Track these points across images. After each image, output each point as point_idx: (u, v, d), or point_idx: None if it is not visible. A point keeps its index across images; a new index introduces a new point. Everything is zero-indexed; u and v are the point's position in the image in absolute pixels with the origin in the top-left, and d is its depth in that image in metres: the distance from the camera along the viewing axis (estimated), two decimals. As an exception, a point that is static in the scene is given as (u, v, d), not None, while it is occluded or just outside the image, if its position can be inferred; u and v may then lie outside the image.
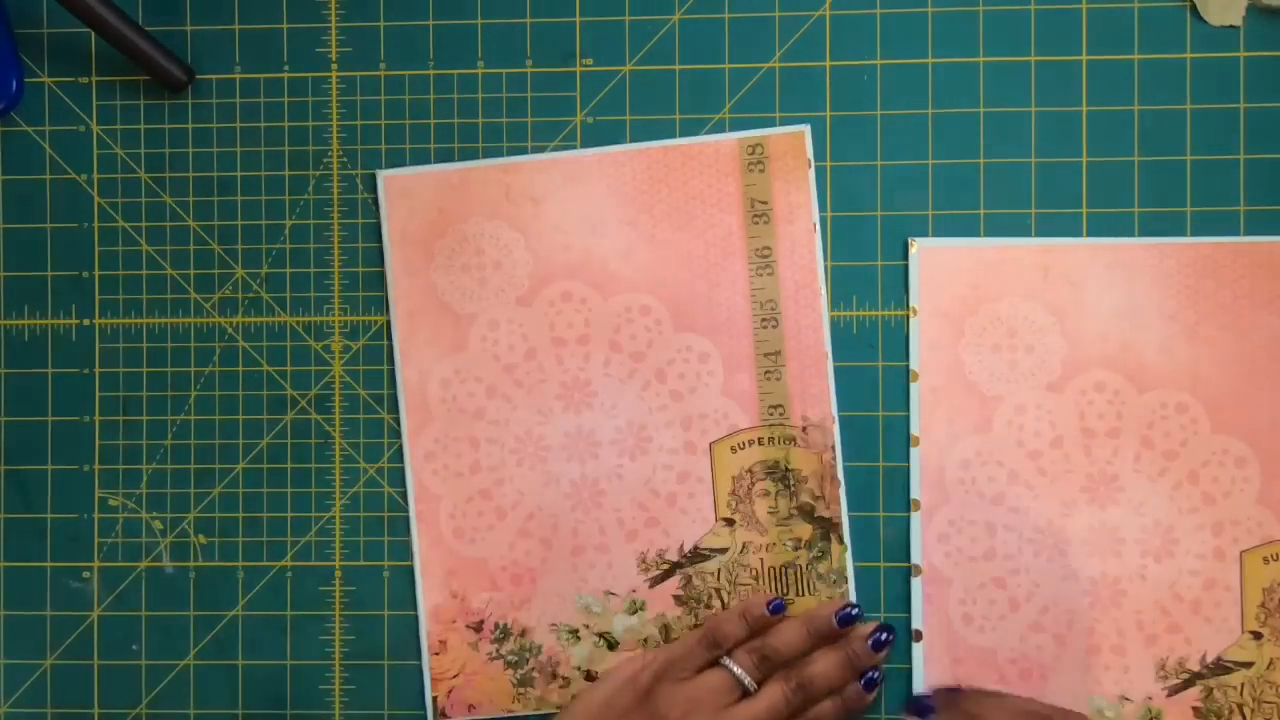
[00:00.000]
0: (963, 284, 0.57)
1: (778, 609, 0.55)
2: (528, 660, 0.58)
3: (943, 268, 0.57)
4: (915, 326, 0.57)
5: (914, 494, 0.57)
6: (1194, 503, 0.55)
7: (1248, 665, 0.55)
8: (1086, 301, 0.56)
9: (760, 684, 0.54)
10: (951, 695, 0.55)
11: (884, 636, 0.55)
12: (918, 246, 0.57)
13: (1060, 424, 0.56)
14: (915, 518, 0.57)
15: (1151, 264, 0.56)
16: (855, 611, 0.55)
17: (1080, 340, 0.56)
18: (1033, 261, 0.56)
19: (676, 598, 0.57)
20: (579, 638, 0.58)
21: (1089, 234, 0.57)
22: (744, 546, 0.57)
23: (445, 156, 0.58)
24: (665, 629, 0.57)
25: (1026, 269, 0.56)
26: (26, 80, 0.60)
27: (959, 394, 0.57)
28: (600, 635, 0.58)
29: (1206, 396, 0.56)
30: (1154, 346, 0.56)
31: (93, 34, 0.58)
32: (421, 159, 0.58)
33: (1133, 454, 0.56)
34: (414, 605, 0.58)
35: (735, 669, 0.54)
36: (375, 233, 0.59)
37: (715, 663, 0.55)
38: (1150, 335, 0.56)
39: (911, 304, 0.57)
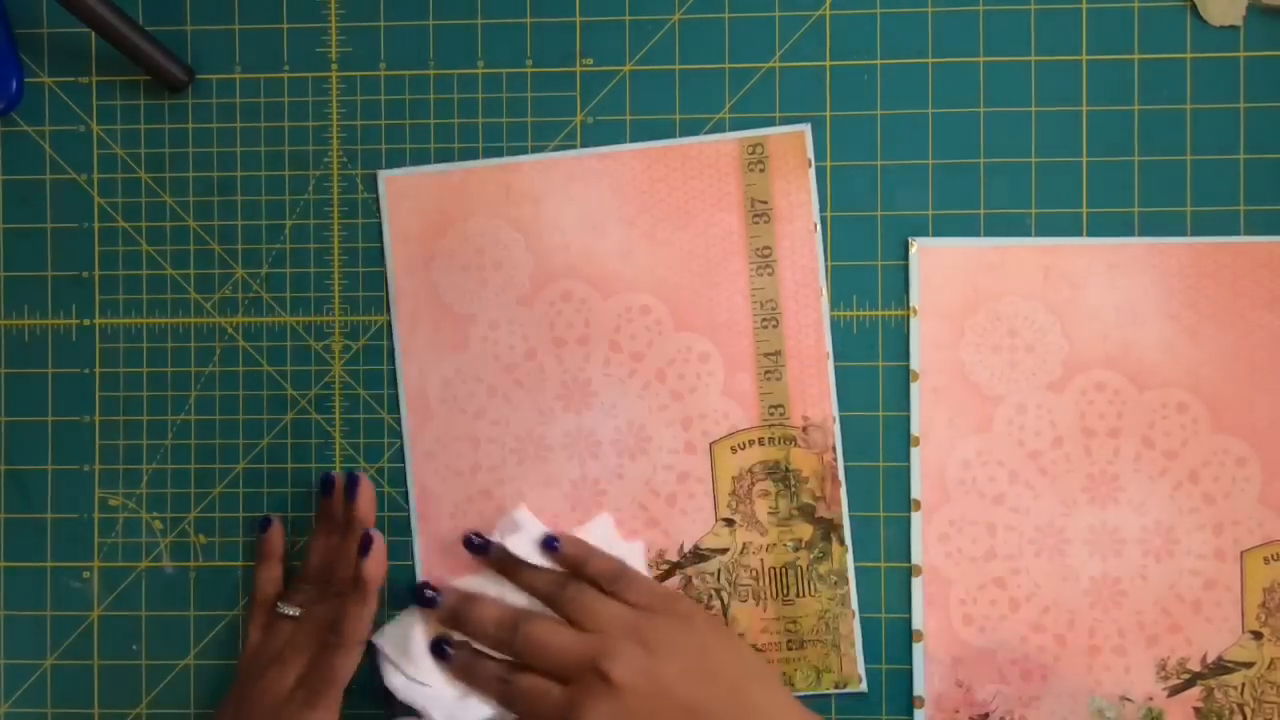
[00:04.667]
0: (963, 284, 0.57)
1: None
2: (528, 660, 0.58)
3: (943, 268, 0.57)
4: (915, 326, 0.57)
5: (914, 494, 0.57)
6: (1194, 502, 0.55)
7: (1248, 665, 0.55)
8: (1087, 301, 0.56)
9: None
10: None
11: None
12: (917, 246, 0.57)
13: (1061, 424, 0.56)
14: (916, 518, 0.57)
15: (1152, 264, 0.56)
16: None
17: (1081, 340, 0.56)
18: (1033, 261, 0.56)
19: (677, 598, 0.57)
20: (579, 638, 0.58)
21: (1089, 234, 0.57)
22: (744, 547, 0.57)
23: (445, 156, 0.58)
24: (665, 629, 0.57)
25: (1027, 269, 0.56)
26: (26, 80, 0.60)
27: (959, 394, 0.57)
28: (600, 635, 0.57)
29: (1207, 396, 0.56)
30: (1155, 346, 0.56)
31: (93, 34, 0.58)
32: (421, 159, 0.58)
33: (1133, 454, 0.56)
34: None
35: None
36: (375, 233, 0.59)
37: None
38: (1151, 335, 0.56)
39: (911, 304, 0.57)
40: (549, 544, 0.55)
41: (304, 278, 0.59)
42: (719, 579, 0.57)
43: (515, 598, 0.55)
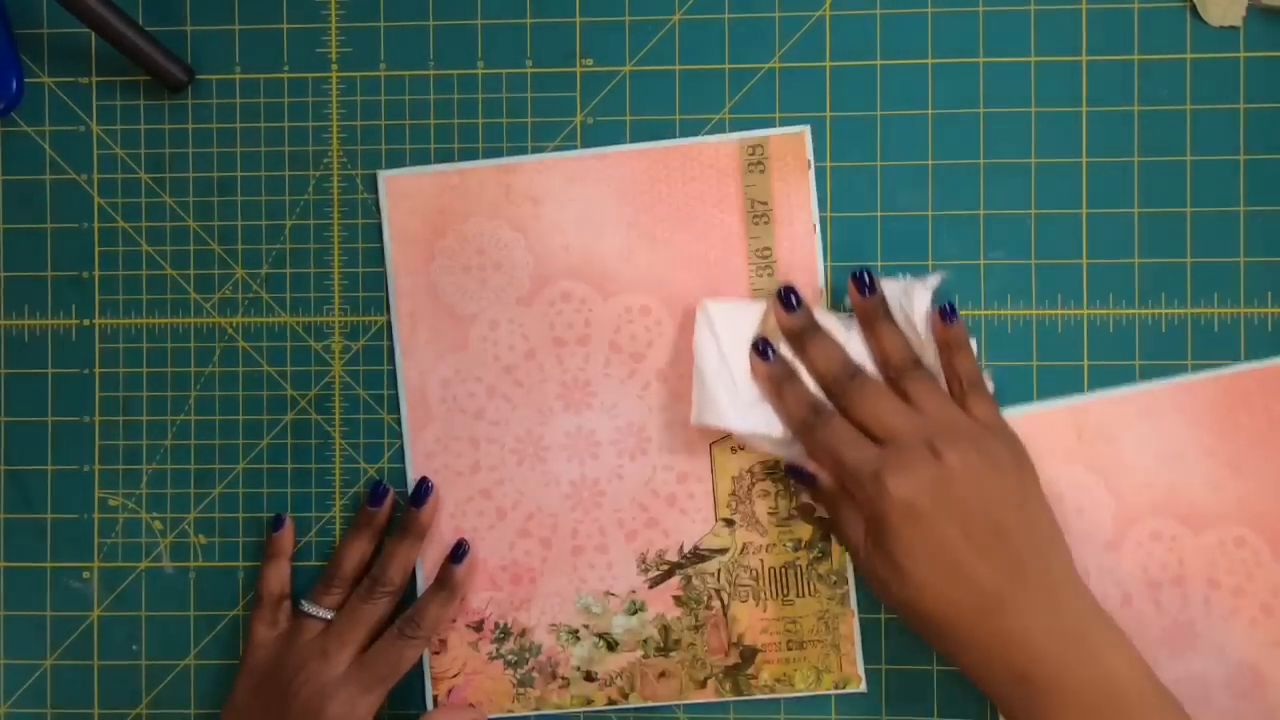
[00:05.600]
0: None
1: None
2: (527, 660, 0.58)
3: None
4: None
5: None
6: (1274, 635, 0.54)
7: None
8: (1126, 455, 0.55)
9: None
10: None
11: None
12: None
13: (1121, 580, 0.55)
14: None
15: (1182, 404, 0.55)
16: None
17: (1127, 492, 0.55)
18: (1071, 420, 0.56)
19: (676, 598, 0.57)
20: (579, 638, 0.58)
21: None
22: (744, 547, 0.57)
23: (445, 156, 0.58)
24: (665, 630, 0.57)
25: (1063, 430, 0.56)
26: (26, 80, 0.60)
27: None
28: (600, 636, 0.58)
29: (1263, 527, 0.55)
30: (1201, 485, 0.55)
31: (93, 34, 0.58)
32: (421, 159, 0.58)
33: (1202, 597, 0.55)
34: (414, 605, 0.58)
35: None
36: (375, 233, 0.59)
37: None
38: (1195, 475, 0.55)
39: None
40: (948, 313, 0.54)
41: (304, 278, 0.59)
42: (719, 579, 0.57)
43: (856, 352, 0.55)
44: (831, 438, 0.52)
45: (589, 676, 0.58)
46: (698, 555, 0.57)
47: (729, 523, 0.57)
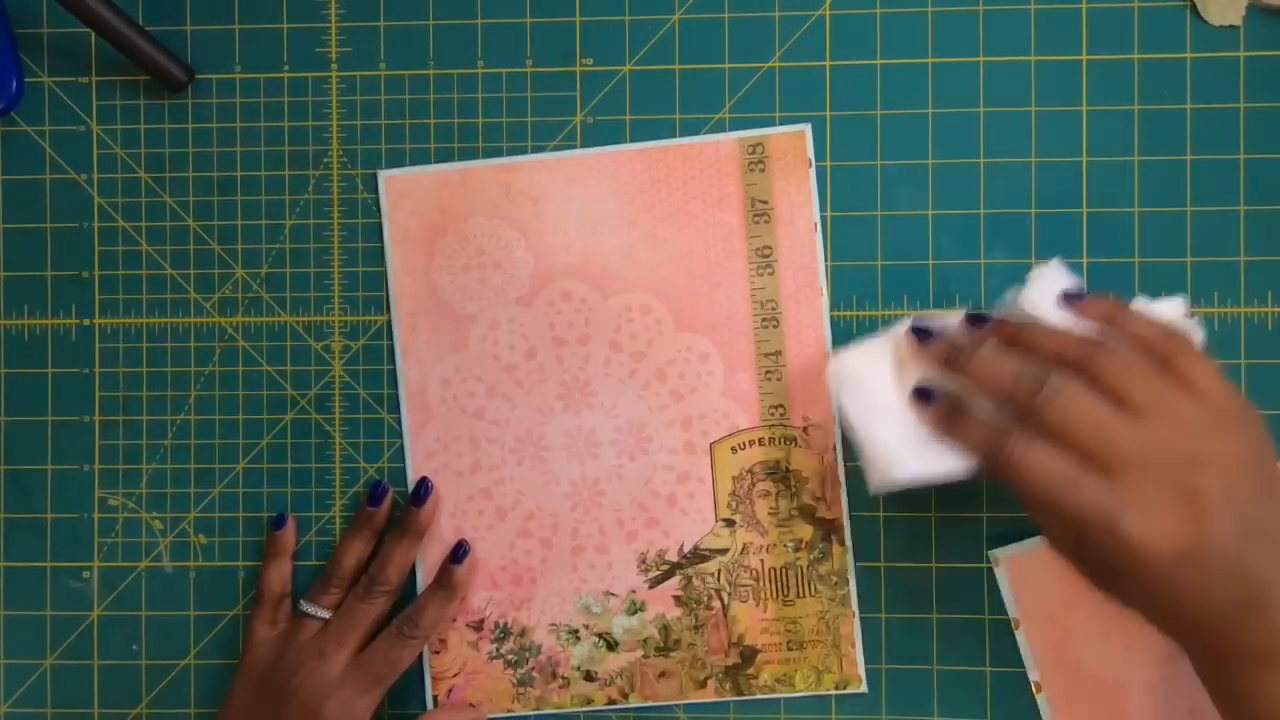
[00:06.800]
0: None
1: None
2: (527, 660, 0.58)
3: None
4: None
5: (914, 494, 0.57)
6: None
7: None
8: None
9: None
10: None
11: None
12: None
13: None
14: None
15: None
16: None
17: None
18: None
19: (676, 598, 0.57)
20: (579, 638, 0.58)
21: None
22: (744, 547, 0.57)
23: (445, 156, 0.58)
24: (665, 630, 0.57)
25: None
26: (26, 80, 0.60)
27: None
28: (600, 635, 0.58)
29: None
30: None
31: (93, 34, 0.58)
32: (421, 159, 0.59)
33: None
34: (414, 605, 0.58)
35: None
36: (375, 233, 0.59)
37: None
38: None
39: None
40: (1070, 296, 0.45)
41: (304, 278, 0.59)
42: (719, 579, 0.57)
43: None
44: (1040, 475, 0.42)
45: (589, 676, 0.58)
46: (698, 555, 0.57)
47: (729, 523, 0.57)
